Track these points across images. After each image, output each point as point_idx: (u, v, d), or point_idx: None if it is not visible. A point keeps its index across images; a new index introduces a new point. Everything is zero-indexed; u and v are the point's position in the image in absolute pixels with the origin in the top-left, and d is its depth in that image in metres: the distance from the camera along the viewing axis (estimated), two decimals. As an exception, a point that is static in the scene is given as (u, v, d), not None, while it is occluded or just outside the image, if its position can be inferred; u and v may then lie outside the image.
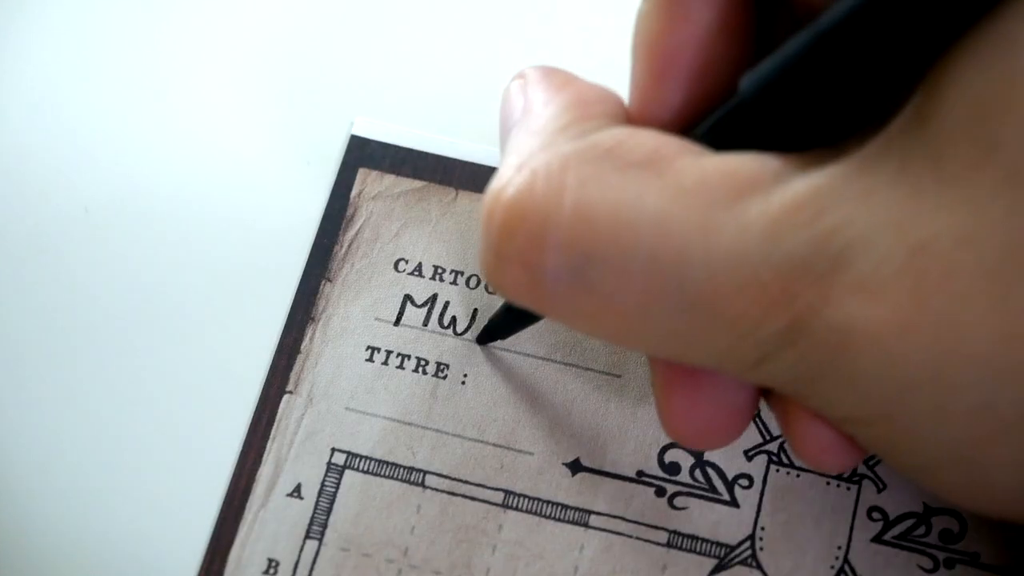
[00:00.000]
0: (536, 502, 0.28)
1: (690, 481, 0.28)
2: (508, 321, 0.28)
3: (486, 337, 0.29)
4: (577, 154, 0.21)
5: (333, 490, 0.28)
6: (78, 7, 0.35)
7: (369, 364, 0.29)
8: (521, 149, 0.22)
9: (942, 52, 0.19)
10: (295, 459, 0.29)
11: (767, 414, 0.29)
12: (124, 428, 0.29)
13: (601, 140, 0.21)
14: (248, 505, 0.28)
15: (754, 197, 0.20)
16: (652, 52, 0.22)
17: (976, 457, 0.20)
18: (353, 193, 0.31)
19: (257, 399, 0.29)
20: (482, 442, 0.29)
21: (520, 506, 0.28)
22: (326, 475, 0.28)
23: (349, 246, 0.31)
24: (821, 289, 0.19)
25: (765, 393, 0.23)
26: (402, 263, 0.31)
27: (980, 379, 0.19)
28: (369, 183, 0.32)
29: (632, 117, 0.23)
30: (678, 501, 0.28)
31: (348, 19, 0.35)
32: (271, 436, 0.29)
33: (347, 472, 0.28)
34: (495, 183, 0.21)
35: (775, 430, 0.28)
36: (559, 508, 0.28)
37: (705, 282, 0.19)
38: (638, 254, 0.20)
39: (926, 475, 0.22)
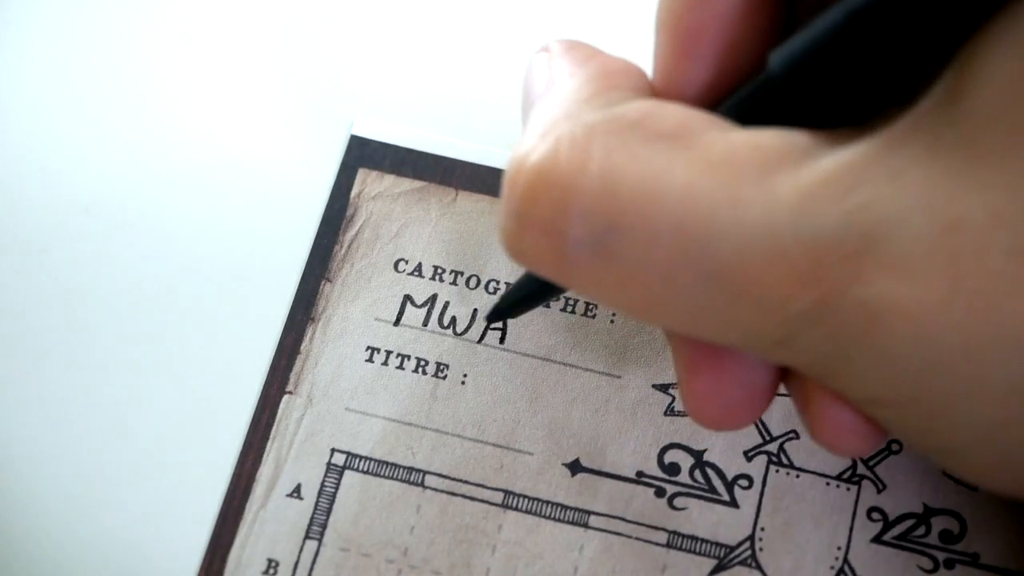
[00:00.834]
0: (536, 502, 0.28)
1: (690, 482, 0.28)
2: (521, 297, 0.28)
3: (496, 316, 0.28)
4: (603, 124, 0.21)
5: (333, 490, 0.28)
6: (78, 6, 0.35)
7: (369, 364, 0.29)
8: (545, 118, 0.21)
9: (973, 31, 0.19)
10: (295, 459, 0.29)
11: (766, 415, 0.29)
12: (124, 428, 0.29)
13: (627, 111, 0.21)
14: (248, 505, 0.28)
15: (784, 172, 0.19)
16: (677, 28, 0.22)
17: (1004, 438, 0.20)
18: (353, 193, 0.31)
19: (257, 399, 0.29)
20: (482, 442, 0.29)
21: (520, 506, 0.28)
22: (326, 475, 0.28)
23: (349, 246, 0.31)
24: (851, 266, 0.19)
25: (783, 373, 0.23)
26: (402, 263, 0.31)
27: (1012, 359, 0.18)
28: (369, 183, 0.32)
29: (657, 92, 0.23)
30: (678, 502, 0.28)
31: (349, 19, 0.35)
32: (271, 436, 0.29)
33: (347, 472, 0.28)
34: (518, 150, 0.21)
35: (775, 430, 0.28)
36: (559, 508, 0.28)
37: (732, 256, 0.19)
38: (664, 225, 0.20)
39: (951, 457, 0.21)
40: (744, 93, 0.22)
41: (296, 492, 0.28)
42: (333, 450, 0.29)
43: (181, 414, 0.29)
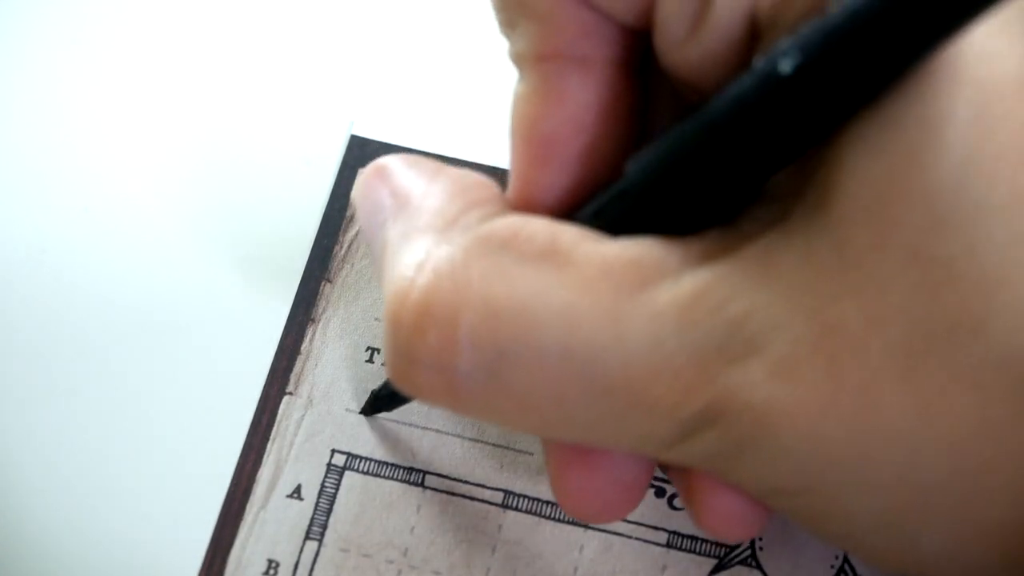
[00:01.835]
0: (536, 502, 0.28)
1: (690, 482, 0.28)
2: (395, 395, 0.28)
3: (371, 410, 0.29)
4: (476, 247, 0.20)
5: (333, 491, 0.28)
6: (81, 6, 0.35)
7: (369, 365, 0.29)
8: (414, 247, 0.21)
9: (832, 134, 0.19)
10: (295, 460, 0.29)
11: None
12: (124, 429, 0.29)
13: (495, 230, 0.21)
14: (248, 506, 0.28)
15: (662, 284, 0.20)
16: (531, 136, 0.22)
17: (899, 526, 0.20)
18: (353, 193, 0.31)
19: (257, 400, 0.29)
20: (481, 442, 0.29)
21: (520, 506, 0.28)
22: (326, 476, 0.28)
23: (349, 246, 0.31)
24: (737, 372, 0.19)
25: (663, 465, 0.23)
26: (402, 263, 0.31)
27: (897, 452, 0.19)
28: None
29: (515, 202, 0.22)
30: (678, 502, 0.28)
31: (349, 20, 0.35)
32: (271, 437, 0.29)
33: (347, 473, 0.28)
34: (396, 285, 0.21)
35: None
36: (558, 508, 0.28)
37: (619, 370, 0.19)
38: (549, 348, 0.20)
39: (852, 543, 0.22)
40: (602, 201, 0.21)
41: (296, 493, 0.28)
42: (333, 451, 0.29)
43: (181, 415, 0.29)
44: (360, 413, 0.29)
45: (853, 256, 0.19)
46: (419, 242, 0.21)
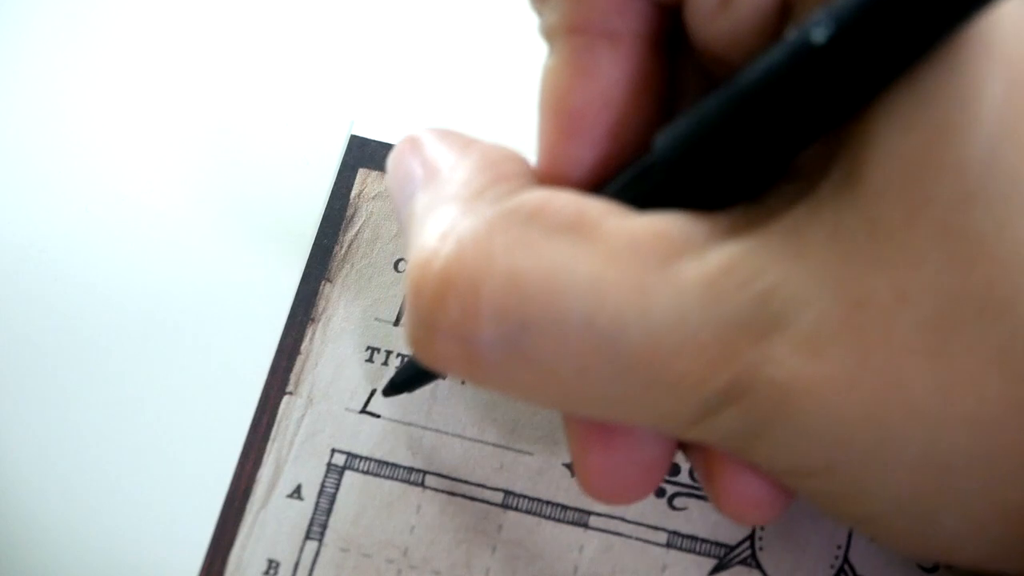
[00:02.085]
0: (535, 502, 0.28)
1: (689, 482, 0.28)
2: (416, 374, 0.27)
3: (392, 390, 0.28)
4: (502, 219, 0.20)
5: (333, 491, 0.28)
6: (81, 6, 0.35)
7: (369, 364, 0.29)
8: (440, 217, 0.21)
9: (864, 107, 0.19)
10: (295, 460, 0.29)
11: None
12: (125, 429, 0.29)
13: (523, 203, 0.21)
14: (248, 506, 0.28)
15: (688, 258, 0.20)
16: (560, 110, 0.22)
17: (920, 506, 0.20)
18: (353, 193, 0.31)
19: (257, 400, 0.29)
20: (481, 442, 0.29)
21: (520, 506, 0.28)
22: (326, 476, 0.28)
23: (349, 246, 0.31)
24: (762, 348, 0.19)
25: (683, 446, 0.23)
26: (402, 263, 0.31)
27: (920, 431, 0.19)
28: (369, 183, 0.32)
29: (542, 176, 0.22)
30: (678, 502, 0.28)
31: (348, 20, 0.35)
32: (271, 437, 0.29)
33: (347, 473, 0.28)
34: (419, 254, 0.21)
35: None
36: (558, 508, 0.28)
37: (643, 344, 0.19)
38: (574, 319, 0.20)
39: (870, 525, 0.22)
40: (629, 176, 0.21)
41: (296, 492, 0.28)
42: (333, 450, 0.29)
43: (182, 415, 0.29)
44: (382, 394, 0.29)
45: (884, 231, 0.19)
46: (445, 212, 0.21)
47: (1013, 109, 0.18)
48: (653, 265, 0.20)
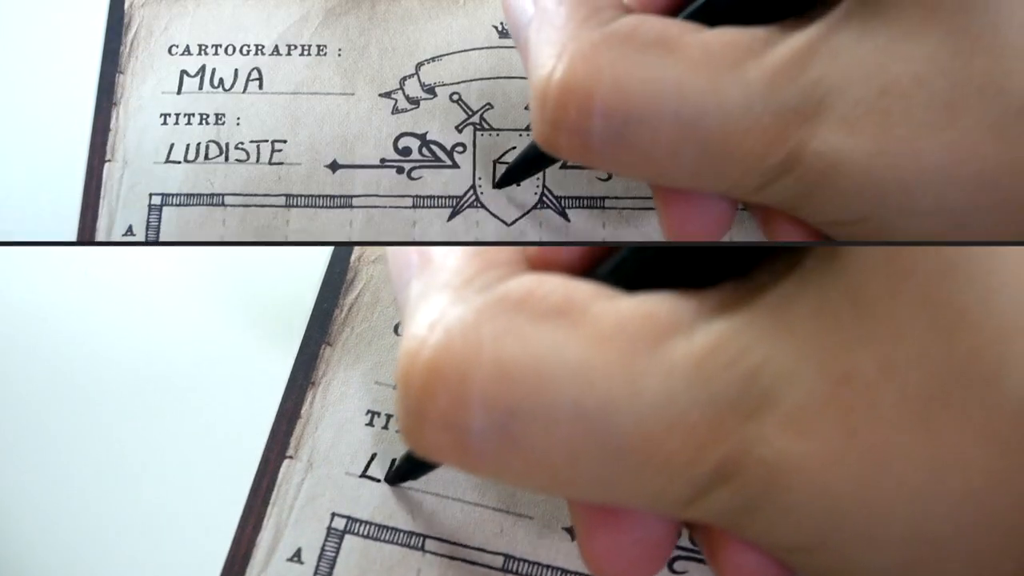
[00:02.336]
0: (536, 566, 0.28)
1: (689, 545, 0.28)
2: (419, 463, 0.28)
3: (397, 479, 0.29)
4: (489, 307, 0.20)
5: (333, 555, 0.28)
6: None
7: (370, 428, 0.30)
8: (431, 305, 0.21)
9: None
10: (295, 524, 0.29)
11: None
12: (125, 493, 0.29)
13: (510, 290, 0.21)
14: (248, 570, 0.28)
15: (677, 339, 0.20)
16: None
17: None
18: (353, 257, 0.32)
19: (257, 464, 0.29)
20: (482, 506, 0.29)
21: (520, 570, 0.28)
22: (326, 540, 0.28)
23: (349, 310, 0.31)
24: (751, 426, 0.19)
25: (687, 525, 0.23)
26: (402, 328, 0.31)
27: (909, 506, 0.19)
28: (369, 247, 0.32)
29: (533, 260, 0.22)
30: (678, 565, 0.28)
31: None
32: (271, 501, 0.29)
33: (347, 537, 0.28)
34: (408, 343, 0.20)
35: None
36: (559, 572, 0.28)
37: (633, 427, 0.19)
38: (563, 405, 0.20)
39: None
40: (620, 257, 0.22)
41: (296, 556, 0.28)
42: (333, 514, 0.29)
43: (182, 479, 0.29)
44: (385, 481, 0.29)
45: (867, 303, 0.19)
46: (435, 301, 0.21)
47: None
48: (641, 347, 0.20)
